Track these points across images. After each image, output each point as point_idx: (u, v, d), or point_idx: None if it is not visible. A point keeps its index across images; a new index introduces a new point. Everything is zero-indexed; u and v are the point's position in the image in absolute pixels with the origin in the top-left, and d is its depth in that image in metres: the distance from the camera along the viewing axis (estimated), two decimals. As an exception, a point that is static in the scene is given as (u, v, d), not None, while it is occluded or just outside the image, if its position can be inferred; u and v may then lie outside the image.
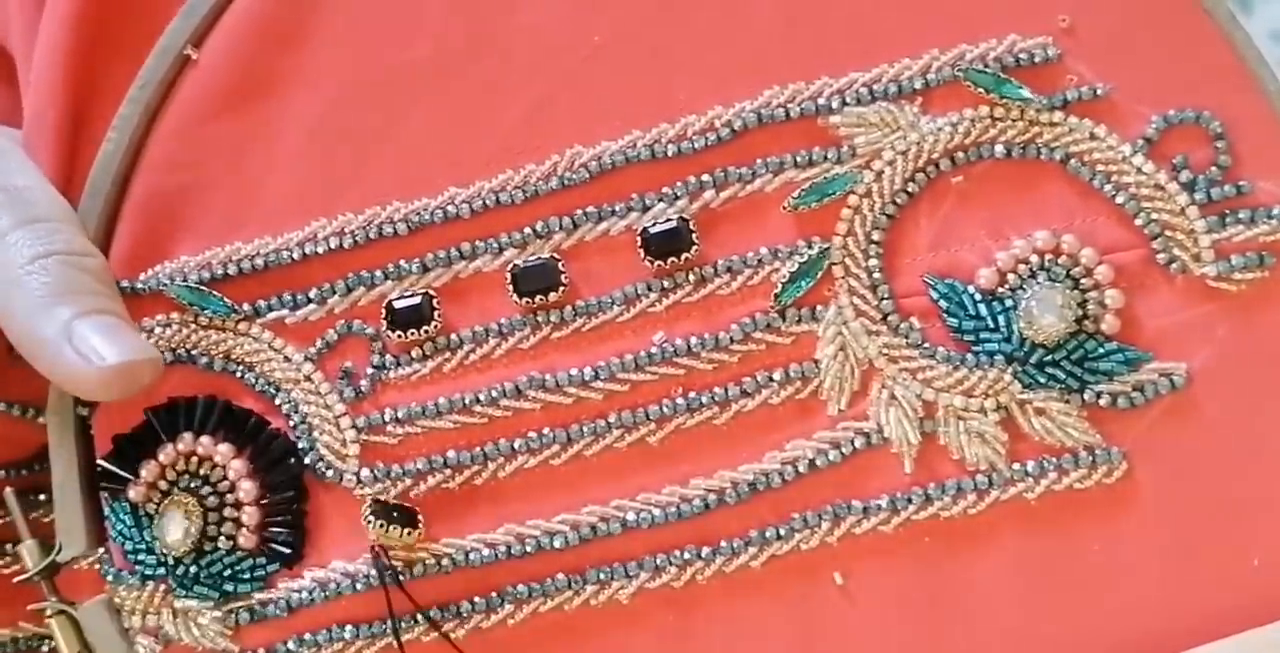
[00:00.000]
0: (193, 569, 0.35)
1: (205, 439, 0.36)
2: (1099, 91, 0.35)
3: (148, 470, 0.36)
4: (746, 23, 0.36)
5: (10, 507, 0.37)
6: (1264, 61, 0.35)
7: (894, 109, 0.36)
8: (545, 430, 0.35)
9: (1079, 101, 0.35)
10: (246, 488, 0.36)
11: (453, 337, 0.36)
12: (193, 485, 0.36)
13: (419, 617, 0.34)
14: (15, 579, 0.37)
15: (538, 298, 0.35)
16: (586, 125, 0.36)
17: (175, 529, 0.35)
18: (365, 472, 0.35)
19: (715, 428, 0.35)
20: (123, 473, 0.36)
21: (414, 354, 0.36)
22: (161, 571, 0.35)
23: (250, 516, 0.35)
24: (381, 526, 0.34)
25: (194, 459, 0.36)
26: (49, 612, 0.36)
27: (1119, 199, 0.35)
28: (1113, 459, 0.34)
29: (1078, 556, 0.34)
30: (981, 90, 0.35)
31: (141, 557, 0.36)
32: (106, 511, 0.36)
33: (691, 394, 0.35)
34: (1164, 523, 0.34)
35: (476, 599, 0.35)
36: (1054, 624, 0.34)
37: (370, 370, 0.36)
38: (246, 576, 0.35)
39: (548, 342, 0.35)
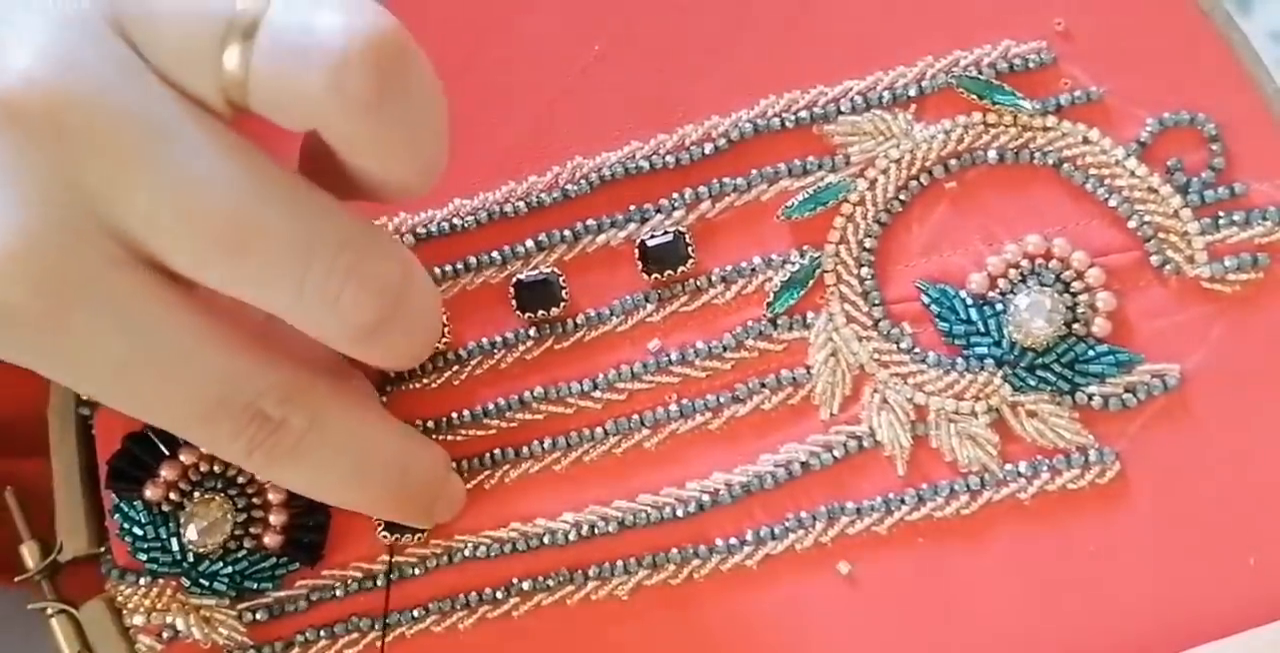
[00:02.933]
0: (213, 568, 0.36)
1: None
2: (1093, 95, 0.36)
3: (168, 470, 0.36)
4: (743, 32, 0.37)
5: (11, 507, 0.38)
6: (1261, 62, 0.35)
7: (887, 117, 0.36)
8: (546, 439, 0.36)
9: (1073, 105, 0.36)
10: (275, 491, 0.36)
11: (461, 351, 0.37)
12: (219, 486, 0.36)
13: (422, 611, 0.36)
14: (15, 579, 0.37)
15: (539, 313, 0.36)
16: (587, 136, 0.37)
17: (207, 529, 0.36)
18: None
19: (710, 433, 0.36)
20: (136, 472, 0.36)
21: (424, 368, 0.37)
22: (176, 569, 0.36)
23: (278, 517, 0.36)
24: (389, 534, 0.36)
25: (218, 463, 0.37)
26: (49, 612, 0.37)
27: (1112, 202, 0.35)
28: (1105, 460, 0.34)
29: (1072, 556, 0.34)
30: (974, 97, 0.36)
31: (155, 555, 0.36)
32: (113, 509, 0.37)
33: (685, 401, 0.36)
34: (1158, 523, 0.34)
35: (485, 592, 0.36)
36: (1048, 625, 0.34)
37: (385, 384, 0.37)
38: (267, 575, 0.36)
39: (550, 352, 0.36)
